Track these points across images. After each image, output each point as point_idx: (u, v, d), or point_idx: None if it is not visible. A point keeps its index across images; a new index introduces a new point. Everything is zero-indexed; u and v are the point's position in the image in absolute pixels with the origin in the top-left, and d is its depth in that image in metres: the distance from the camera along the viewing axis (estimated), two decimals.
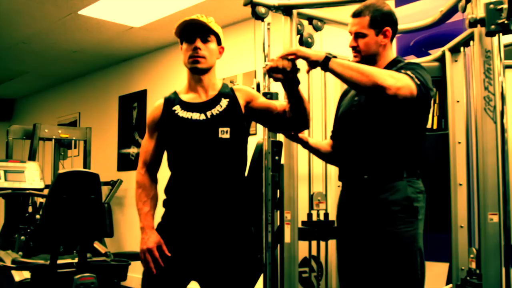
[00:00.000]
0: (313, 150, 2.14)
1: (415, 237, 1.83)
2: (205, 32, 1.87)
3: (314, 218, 2.73)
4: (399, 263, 1.82)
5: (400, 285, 1.82)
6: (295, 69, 1.66)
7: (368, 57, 1.95)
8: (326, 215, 2.75)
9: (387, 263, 1.83)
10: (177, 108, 1.88)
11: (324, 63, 1.69)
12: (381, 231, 1.84)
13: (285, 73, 1.65)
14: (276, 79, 1.69)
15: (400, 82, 1.70)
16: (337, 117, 2.14)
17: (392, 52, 2.00)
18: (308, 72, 1.77)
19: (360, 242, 1.91)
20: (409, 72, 1.76)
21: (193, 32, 1.86)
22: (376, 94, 1.73)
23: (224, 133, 1.82)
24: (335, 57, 1.70)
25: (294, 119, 1.84)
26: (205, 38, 1.86)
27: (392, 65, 1.94)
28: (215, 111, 1.85)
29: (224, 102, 1.87)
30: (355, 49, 1.97)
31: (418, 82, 1.74)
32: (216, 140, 1.82)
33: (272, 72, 1.66)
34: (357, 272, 1.94)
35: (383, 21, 1.93)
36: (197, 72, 1.88)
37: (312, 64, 1.71)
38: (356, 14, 1.97)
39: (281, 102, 1.91)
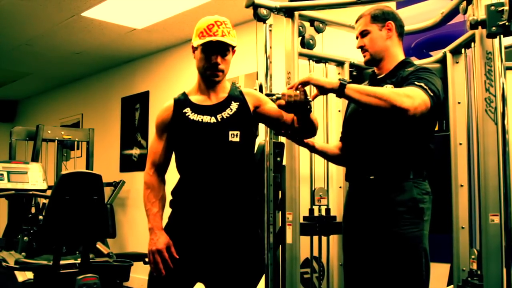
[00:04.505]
0: (320, 153, 2.16)
1: (421, 238, 1.84)
2: (226, 49, 1.84)
3: (316, 213, 2.73)
4: (404, 264, 1.83)
5: (405, 285, 1.83)
6: (307, 102, 1.69)
7: (376, 54, 2.00)
8: (327, 210, 2.75)
9: (392, 263, 1.84)
10: (187, 111, 1.86)
11: (340, 90, 1.70)
12: (386, 231, 1.85)
13: (297, 107, 1.70)
14: (289, 112, 1.76)
15: (417, 101, 1.70)
16: (345, 119, 2.16)
17: (401, 51, 2.03)
18: (314, 98, 1.77)
19: (366, 242, 1.92)
20: (422, 84, 1.76)
21: (215, 49, 1.82)
22: (395, 116, 1.74)
23: (234, 136, 1.83)
24: (349, 82, 1.71)
25: (302, 130, 1.88)
26: (224, 53, 1.84)
27: (401, 67, 1.97)
28: (225, 114, 1.85)
29: (234, 106, 1.88)
30: (362, 48, 2.03)
31: (432, 94, 1.75)
32: (226, 144, 1.82)
33: (285, 107, 1.71)
34: (363, 271, 1.95)
35: (384, 16, 2.00)
36: (213, 83, 1.89)
37: (325, 91, 1.73)
38: (357, 19, 2.06)
39: None
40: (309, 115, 1.78)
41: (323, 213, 2.73)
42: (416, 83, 1.77)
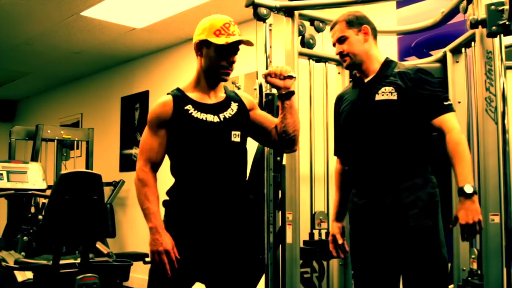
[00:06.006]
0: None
1: (439, 229, 1.91)
2: (238, 49, 1.87)
3: (316, 237, 2.72)
4: (430, 255, 1.88)
5: (433, 276, 1.87)
6: (292, 76, 1.83)
7: (357, 58, 2.03)
8: (327, 234, 2.74)
9: (419, 257, 1.87)
10: (190, 108, 1.83)
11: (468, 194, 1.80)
12: (406, 226, 1.88)
13: (282, 78, 1.83)
14: (271, 84, 1.85)
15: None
16: (339, 124, 2.15)
17: (379, 52, 2.08)
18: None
19: (384, 241, 1.94)
20: (449, 103, 1.90)
21: (232, 49, 1.83)
22: None
23: (236, 136, 1.84)
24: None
25: (283, 134, 1.89)
26: (237, 53, 1.86)
27: (387, 66, 2.01)
28: (227, 114, 1.86)
29: (234, 106, 1.89)
30: (342, 54, 2.06)
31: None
32: (229, 143, 1.82)
33: (269, 75, 1.83)
34: (382, 271, 1.96)
35: (358, 21, 2.04)
36: (218, 82, 1.90)
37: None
38: (332, 26, 2.09)
39: (276, 119, 1.96)
40: (291, 96, 1.86)
41: (323, 237, 2.72)
42: (445, 103, 1.89)
